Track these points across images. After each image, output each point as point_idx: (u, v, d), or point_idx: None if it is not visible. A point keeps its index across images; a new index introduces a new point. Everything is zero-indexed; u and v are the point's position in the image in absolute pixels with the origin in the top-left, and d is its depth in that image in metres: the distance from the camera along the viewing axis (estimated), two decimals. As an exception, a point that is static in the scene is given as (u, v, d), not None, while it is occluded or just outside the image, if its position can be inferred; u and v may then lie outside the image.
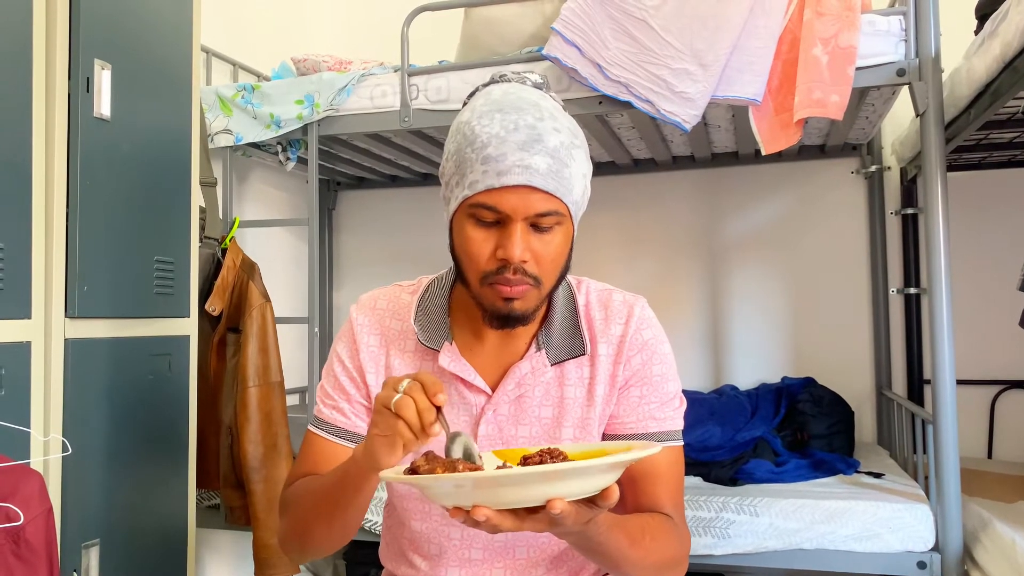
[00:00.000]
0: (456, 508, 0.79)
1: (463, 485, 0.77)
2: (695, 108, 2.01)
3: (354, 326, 1.15)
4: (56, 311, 1.56)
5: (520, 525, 0.80)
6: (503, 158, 0.95)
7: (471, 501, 0.77)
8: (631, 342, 1.10)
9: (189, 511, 1.90)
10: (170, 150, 1.88)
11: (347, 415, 1.12)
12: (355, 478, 0.95)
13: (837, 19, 1.94)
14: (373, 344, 1.13)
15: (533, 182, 0.95)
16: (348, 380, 1.13)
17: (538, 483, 0.76)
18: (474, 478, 0.76)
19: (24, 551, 1.22)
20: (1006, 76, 1.75)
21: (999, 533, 1.84)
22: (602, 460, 0.78)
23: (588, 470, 0.77)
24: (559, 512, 0.76)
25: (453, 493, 0.79)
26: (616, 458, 0.78)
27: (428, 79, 2.31)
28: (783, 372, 2.97)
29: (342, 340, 1.16)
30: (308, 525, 1.05)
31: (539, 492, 0.77)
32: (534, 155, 0.95)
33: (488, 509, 0.77)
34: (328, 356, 1.18)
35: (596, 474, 0.78)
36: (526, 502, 0.78)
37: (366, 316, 1.15)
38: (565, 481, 0.77)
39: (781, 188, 3.05)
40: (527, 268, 0.99)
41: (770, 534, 2.02)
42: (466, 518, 0.78)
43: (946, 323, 1.92)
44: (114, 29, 1.70)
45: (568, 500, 0.78)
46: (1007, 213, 2.80)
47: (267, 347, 2.26)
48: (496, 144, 0.95)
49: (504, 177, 0.95)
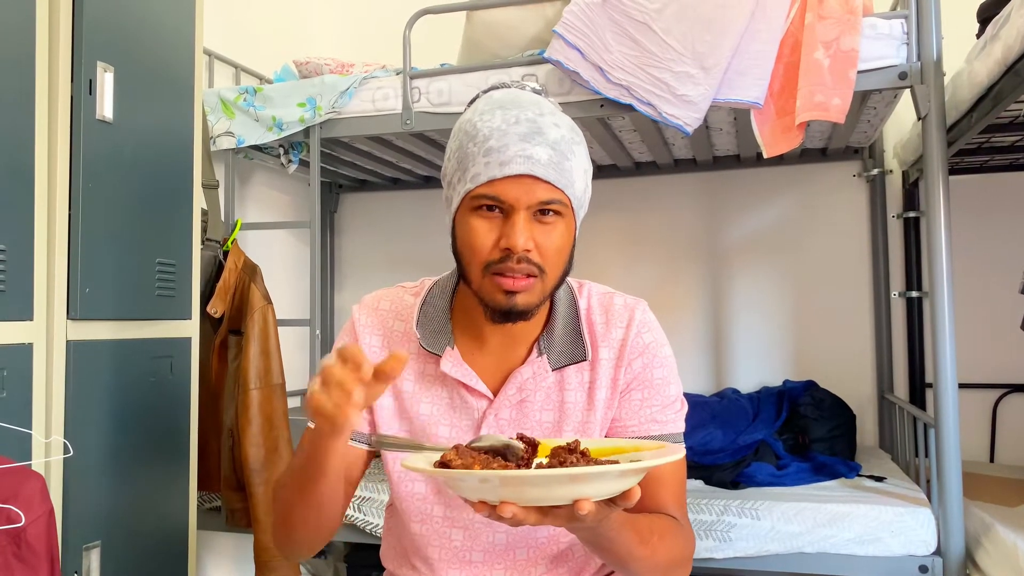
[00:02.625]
0: (481, 502, 0.81)
1: (490, 481, 0.79)
2: (697, 111, 2.01)
3: (356, 325, 1.15)
4: (58, 313, 1.56)
5: (542, 520, 0.81)
6: (505, 149, 0.96)
7: (497, 497, 0.79)
8: (632, 346, 1.10)
9: (190, 513, 1.90)
10: (172, 152, 1.89)
11: None
12: (317, 443, 0.93)
13: (839, 22, 1.95)
14: (375, 344, 1.14)
15: (535, 171, 0.96)
16: None
17: (565, 484, 0.78)
18: (500, 476, 0.78)
19: (25, 553, 1.22)
20: (1008, 79, 1.75)
21: (1001, 537, 1.84)
22: (629, 465, 0.80)
23: (614, 474, 0.79)
24: (586, 513, 0.78)
25: (479, 488, 0.81)
26: (642, 464, 0.80)
27: (430, 82, 2.32)
28: (784, 375, 2.97)
29: (343, 338, 1.16)
30: (290, 511, 1.05)
31: (564, 492, 0.79)
32: (535, 146, 0.96)
33: (514, 506, 0.79)
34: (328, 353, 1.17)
35: (621, 477, 0.80)
36: (551, 501, 0.80)
37: (368, 316, 1.15)
38: (592, 483, 0.79)
39: (783, 191, 3.05)
40: (531, 257, 0.99)
41: (771, 537, 2.02)
42: (491, 512, 0.80)
43: (948, 326, 1.91)
44: (117, 32, 1.71)
45: (595, 500, 0.80)
46: (1009, 217, 2.79)
47: (268, 349, 2.26)
48: (498, 136, 0.97)
49: (506, 167, 0.96)
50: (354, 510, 2.23)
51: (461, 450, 0.86)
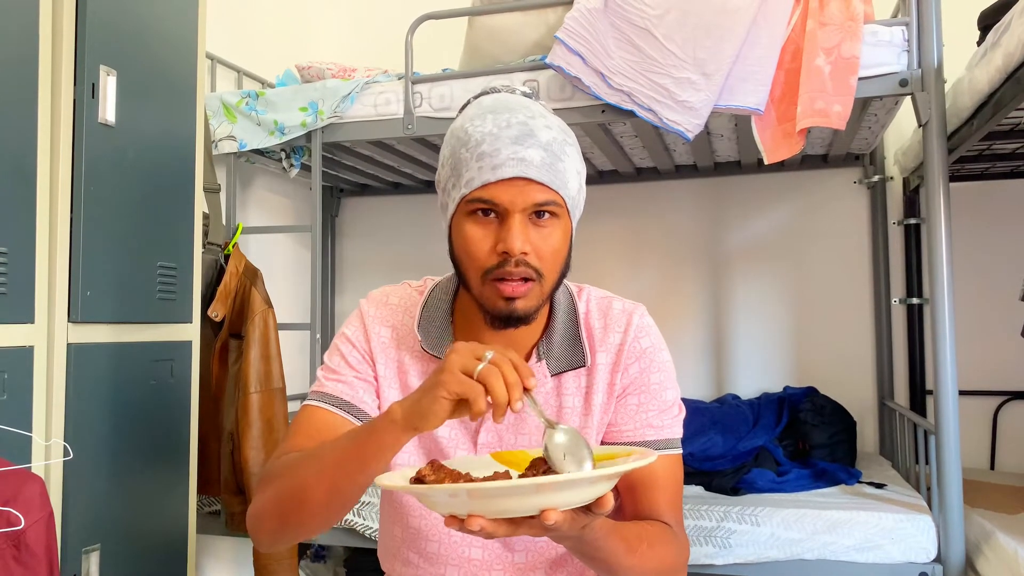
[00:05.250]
0: (452, 516, 0.80)
1: (458, 495, 0.78)
2: (698, 117, 2.01)
3: (365, 317, 1.14)
4: (59, 316, 1.57)
5: (515, 531, 0.80)
6: (497, 153, 0.96)
7: (466, 510, 0.78)
8: (629, 350, 1.10)
9: (190, 517, 1.90)
10: (174, 156, 1.89)
11: (354, 388, 1.09)
12: (383, 437, 0.89)
13: (840, 29, 1.95)
14: (384, 336, 1.13)
15: (528, 174, 0.96)
16: (358, 358, 1.10)
17: (532, 495, 0.77)
18: (468, 489, 0.77)
19: (25, 556, 1.22)
20: (1008, 87, 1.75)
21: (1001, 544, 1.83)
22: (595, 472, 0.79)
23: (581, 482, 0.78)
24: (553, 523, 0.77)
25: (449, 502, 0.80)
26: (608, 470, 0.79)
27: (432, 87, 2.32)
28: (785, 381, 2.97)
29: (351, 325, 1.14)
30: (302, 494, 0.97)
31: (533, 503, 0.77)
32: (528, 148, 0.97)
33: (482, 518, 0.78)
34: (331, 343, 1.15)
35: (590, 485, 0.79)
36: (520, 512, 0.79)
37: (378, 309, 1.15)
38: (559, 492, 0.78)
39: (783, 197, 3.05)
40: (528, 260, 0.99)
41: (771, 544, 2.01)
42: (461, 526, 0.79)
43: (948, 333, 1.91)
44: (119, 36, 1.71)
45: (563, 509, 0.78)
46: (1009, 224, 2.80)
47: (269, 353, 2.26)
48: (490, 141, 0.97)
49: (499, 170, 0.96)
50: (354, 515, 2.22)
51: (436, 465, 0.86)
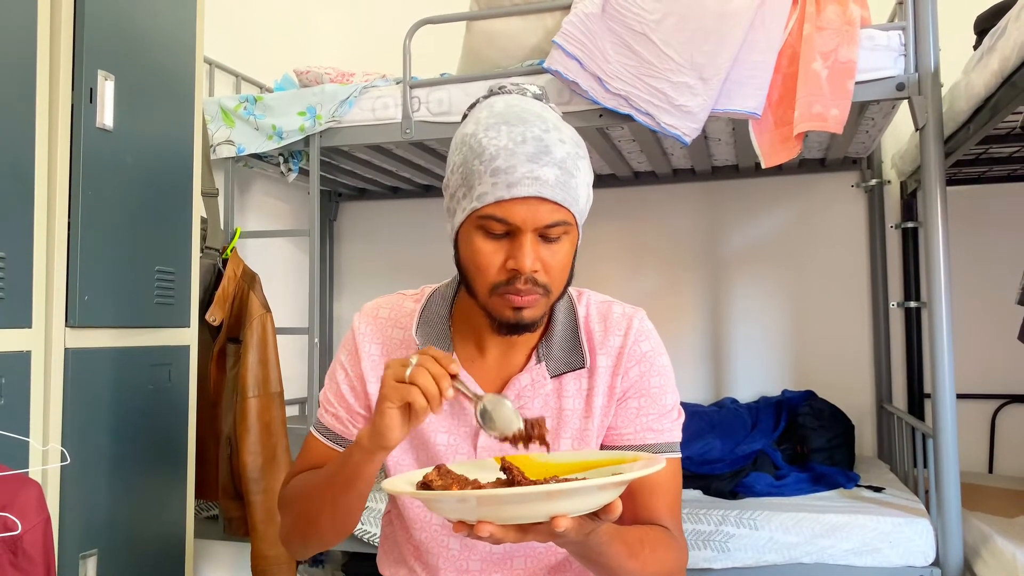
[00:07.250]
0: (460, 522, 0.80)
1: (467, 501, 0.78)
2: (695, 121, 2.02)
3: (356, 335, 1.15)
4: (56, 320, 1.57)
5: (523, 537, 0.81)
6: (512, 170, 0.95)
7: (475, 517, 0.79)
8: (629, 354, 1.10)
9: (188, 521, 1.90)
10: (172, 161, 1.89)
11: (344, 423, 1.14)
12: (358, 461, 0.97)
13: (837, 34, 1.96)
14: (374, 353, 1.14)
15: (543, 193, 0.96)
16: (348, 388, 1.14)
17: (542, 501, 0.77)
18: (477, 496, 0.77)
19: (22, 561, 1.21)
20: (1005, 91, 1.76)
21: (1000, 548, 1.84)
22: (605, 480, 0.78)
23: (591, 489, 0.78)
24: (563, 529, 0.78)
25: (457, 508, 0.80)
26: (617, 478, 0.79)
27: (430, 91, 2.33)
28: (783, 385, 2.97)
29: (344, 348, 1.17)
30: (312, 516, 1.06)
31: (542, 509, 0.78)
32: (543, 167, 0.96)
33: (492, 525, 0.78)
34: (331, 363, 1.19)
35: (599, 492, 0.79)
36: (529, 519, 0.79)
37: (368, 325, 1.16)
38: (569, 499, 0.78)
39: (781, 201, 3.06)
40: (537, 278, 0.99)
41: (770, 548, 2.01)
42: (469, 532, 0.79)
43: (946, 337, 1.92)
44: (117, 40, 1.71)
45: (571, 516, 0.79)
46: (1007, 227, 2.80)
47: (267, 358, 2.26)
48: (505, 156, 0.96)
49: (514, 189, 0.95)
50: (352, 519, 2.22)
51: (443, 471, 0.86)
